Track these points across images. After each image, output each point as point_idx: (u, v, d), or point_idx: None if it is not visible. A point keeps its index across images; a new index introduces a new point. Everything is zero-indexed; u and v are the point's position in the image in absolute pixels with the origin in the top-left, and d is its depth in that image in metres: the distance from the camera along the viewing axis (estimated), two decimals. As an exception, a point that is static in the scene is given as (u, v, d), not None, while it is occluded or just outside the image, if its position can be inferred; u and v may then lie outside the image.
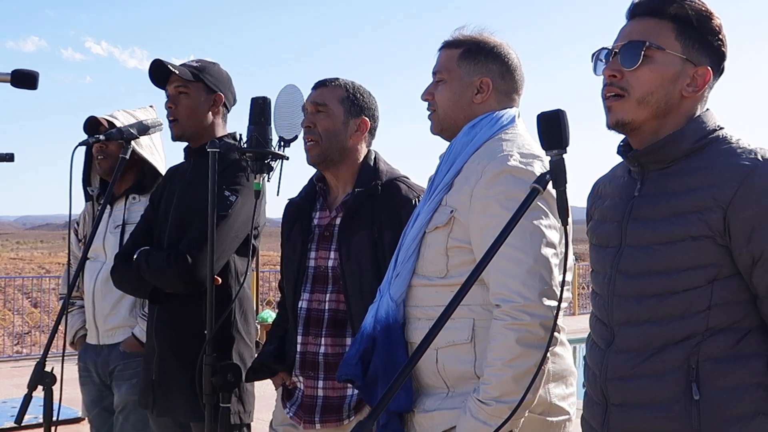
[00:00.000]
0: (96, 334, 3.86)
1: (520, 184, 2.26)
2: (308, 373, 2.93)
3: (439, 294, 2.38)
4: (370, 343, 2.44)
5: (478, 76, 2.52)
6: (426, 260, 2.42)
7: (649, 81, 2.01)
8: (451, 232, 2.37)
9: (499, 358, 2.19)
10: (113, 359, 3.79)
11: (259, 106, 2.51)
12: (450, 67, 2.54)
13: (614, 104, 2.04)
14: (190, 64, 3.41)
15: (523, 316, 2.18)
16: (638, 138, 2.07)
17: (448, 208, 2.38)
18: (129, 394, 3.70)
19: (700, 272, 1.92)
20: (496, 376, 2.19)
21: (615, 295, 2.04)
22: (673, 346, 1.94)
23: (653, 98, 2.01)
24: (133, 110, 3.98)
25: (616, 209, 2.11)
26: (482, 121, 2.48)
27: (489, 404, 2.18)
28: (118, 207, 3.90)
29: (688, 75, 2.02)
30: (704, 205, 1.91)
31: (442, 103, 2.54)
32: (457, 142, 2.48)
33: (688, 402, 1.91)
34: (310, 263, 2.98)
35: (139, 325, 3.68)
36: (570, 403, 2.41)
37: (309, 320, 2.94)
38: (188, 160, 3.46)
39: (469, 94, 2.52)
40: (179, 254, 3.14)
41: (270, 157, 2.50)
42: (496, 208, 2.27)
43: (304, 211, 3.04)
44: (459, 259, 2.36)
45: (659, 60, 2.01)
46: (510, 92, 2.57)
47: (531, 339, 2.18)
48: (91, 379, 3.91)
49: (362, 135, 3.00)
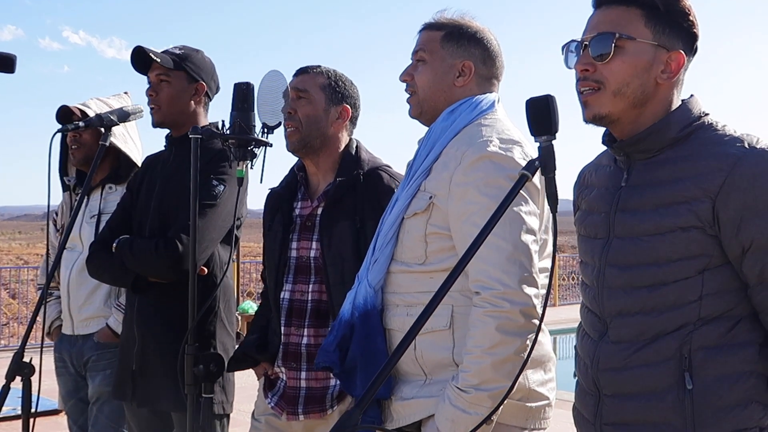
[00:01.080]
0: (71, 325, 3.83)
1: (500, 170, 2.25)
2: (291, 364, 2.90)
3: (417, 280, 2.36)
4: (348, 330, 2.42)
5: (461, 59, 2.49)
6: (404, 246, 2.40)
7: (623, 72, 1.98)
8: (430, 218, 2.35)
9: (478, 346, 2.18)
10: (87, 350, 3.76)
11: (242, 92, 2.47)
12: (432, 48, 2.50)
13: (590, 98, 2.01)
14: (172, 52, 3.37)
15: (503, 303, 2.17)
16: (618, 129, 2.05)
17: (426, 194, 2.36)
18: (103, 386, 3.67)
19: (690, 263, 1.91)
20: (476, 364, 2.17)
21: (605, 287, 2.03)
22: (665, 337, 1.93)
23: (629, 89, 1.98)
24: (106, 98, 3.93)
25: (603, 200, 2.09)
26: (461, 106, 2.45)
27: (468, 392, 2.17)
28: (94, 197, 3.86)
29: (661, 61, 1.99)
30: (692, 195, 1.89)
31: (422, 84, 2.50)
32: (436, 126, 2.46)
33: (681, 391, 1.90)
34: (292, 253, 2.95)
35: (113, 315, 3.65)
36: (549, 389, 2.40)
37: (291, 311, 2.91)
38: (169, 148, 3.42)
39: (451, 77, 2.49)
40: (169, 242, 3.10)
41: (253, 144, 2.46)
42: (475, 195, 2.26)
43: (285, 200, 3.01)
44: (437, 246, 2.34)
45: (631, 50, 1.98)
46: (490, 77, 2.54)
47: (511, 326, 2.16)
48: (67, 370, 3.88)
49: (343, 123, 2.97)
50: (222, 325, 3.27)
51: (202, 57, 3.44)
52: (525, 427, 2.33)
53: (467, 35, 2.51)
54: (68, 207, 4.06)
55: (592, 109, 2.02)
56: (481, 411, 2.14)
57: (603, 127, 2.08)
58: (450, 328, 2.31)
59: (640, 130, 2.00)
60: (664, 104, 2.02)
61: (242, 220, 3.36)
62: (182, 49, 3.40)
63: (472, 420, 2.13)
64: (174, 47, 3.42)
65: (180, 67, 3.33)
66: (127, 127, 3.81)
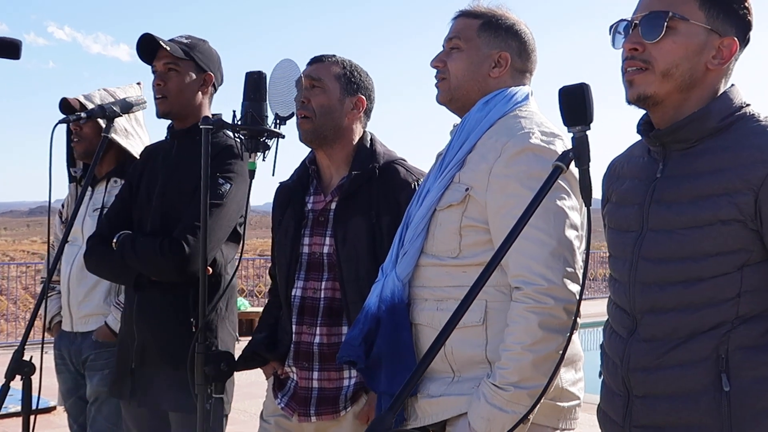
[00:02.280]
0: (70, 321, 3.73)
1: (542, 163, 2.18)
2: (302, 364, 2.81)
3: (449, 274, 2.29)
4: (374, 324, 2.36)
5: (498, 50, 2.44)
6: (436, 239, 2.33)
7: (674, 53, 1.91)
8: (466, 210, 2.28)
9: (519, 342, 2.12)
10: (86, 348, 3.67)
11: (254, 81, 2.38)
12: (469, 36, 2.44)
13: (636, 77, 1.94)
14: (179, 41, 3.28)
15: (547, 299, 2.11)
16: (660, 113, 1.97)
17: (462, 186, 2.30)
18: (101, 386, 3.58)
19: (729, 258, 1.83)
20: (516, 360, 2.11)
21: (637, 282, 1.95)
22: (701, 335, 1.85)
23: (678, 71, 1.91)
24: (113, 89, 3.83)
25: (637, 191, 2.01)
26: (496, 96, 2.40)
27: (506, 389, 2.10)
28: (99, 190, 3.76)
29: (713, 46, 1.92)
30: (733, 187, 1.82)
31: (455, 72, 2.44)
32: (470, 117, 2.39)
33: (717, 393, 1.83)
34: (304, 249, 2.86)
35: (112, 314, 3.55)
36: (579, 388, 2.35)
37: (303, 309, 2.82)
38: (171, 140, 3.31)
39: (486, 67, 2.43)
40: (174, 242, 3.01)
41: (266, 135, 2.37)
42: (516, 187, 2.20)
43: (297, 194, 2.92)
44: (473, 239, 2.28)
45: (683, 31, 1.91)
46: (524, 71, 2.50)
47: (554, 323, 2.11)
48: (66, 367, 3.78)
49: (358, 114, 2.89)
50: (224, 324, 3.18)
51: (209, 47, 3.36)
52: (557, 427, 2.27)
53: (504, 26, 2.46)
54: (74, 199, 3.96)
55: (637, 89, 1.95)
56: (519, 410, 2.08)
57: (644, 110, 2.01)
58: (483, 324, 2.24)
59: (682, 117, 1.93)
60: (710, 91, 1.95)
61: (246, 218, 3.27)
62: (189, 39, 3.31)
63: (510, 419, 2.07)
64: (180, 36, 3.32)
65: (189, 56, 3.23)
66: (132, 119, 3.70)
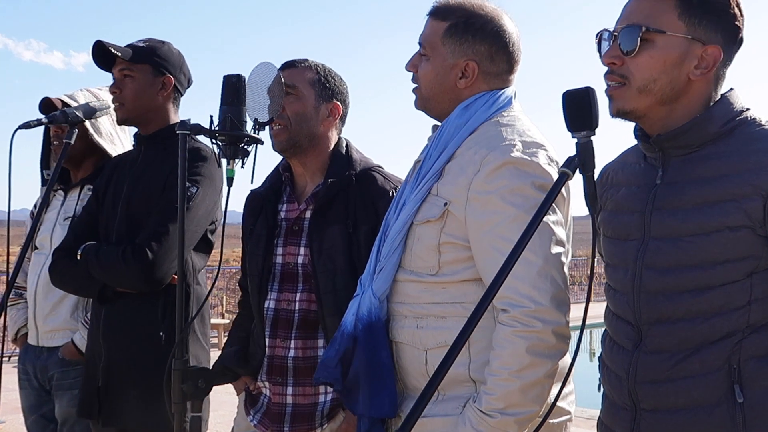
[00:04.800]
0: (35, 334, 3.53)
1: (525, 177, 2.08)
2: (275, 379, 2.70)
3: (428, 291, 2.19)
4: (351, 343, 2.24)
5: (464, 59, 2.26)
6: (414, 255, 2.21)
7: (650, 68, 1.87)
8: (445, 226, 2.16)
9: (505, 367, 2.01)
10: (52, 365, 3.48)
11: (233, 85, 2.26)
12: (434, 44, 2.29)
13: (615, 93, 1.91)
14: (136, 45, 3.19)
15: (535, 322, 2.00)
16: (648, 124, 1.94)
17: (440, 200, 2.17)
18: (71, 406, 3.41)
19: (737, 265, 1.79)
20: (502, 387, 2.01)
21: (642, 292, 1.90)
22: (711, 345, 1.80)
23: (656, 86, 1.87)
24: (97, 89, 3.66)
25: (635, 199, 1.96)
26: (477, 101, 2.25)
27: (493, 416, 2.01)
28: (71, 197, 3.57)
29: (695, 56, 1.87)
30: (742, 192, 1.78)
31: (424, 83, 2.31)
32: (449, 124, 2.25)
33: (731, 405, 1.78)
34: (277, 260, 2.75)
35: (79, 332, 3.39)
36: (569, 402, 2.27)
37: (277, 321, 2.71)
38: (137, 147, 3.22)
39: (452, 78, 2.27)
40: (137, 249, 2.90)
41: (245, 141, 2.26)
42: (498, 204, 2.08)
43: (269, 202, 2.80)
44: (452, 256, 2.16)
45: (660, 44, 1.86)
46: (501, 73, 2.30)
47: (542, 347, 2.01)
48: (30, 383, 3.58)
49: (334, 121, 2.79)
50: (195, 338, 3.06)
51: (169, 48, 3.25)
52: None
53: (473, 29, 2.26)
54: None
55: (616, 104, 1.91)
56: None
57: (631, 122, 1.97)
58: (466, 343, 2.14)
59: (673, 126, 1.89)
60: (699, 100, 1.90)
61: (216, 225, 3.16)
62: (147, 42, 3.22)
63: None
64: (138, 41, 3.25)
65: (143, 60, 3.14)
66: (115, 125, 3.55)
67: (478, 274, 2.13)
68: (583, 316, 1.79)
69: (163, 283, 2.93)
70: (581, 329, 1.81)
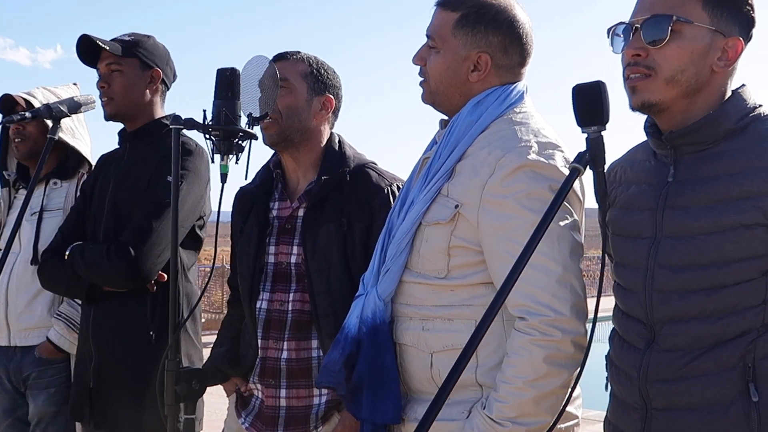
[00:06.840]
0: (7, 334, 3.43)
1: (541, 181, 2.02)
2: (268, 381, 2.63)
3: (436, 293, 2.13)
4: (354, 347, 2.18)
5: (476, 51, 2.19)
6: (422, 257, 2.15)
7: (679, 58, 1.83)
8: (455, 229, 2.10)
9: (520, 376, 1.96)
10: (27, 365, 3.39)
11: (227, 78, 2.19)
12: (444, 36, 2.21)
13: (639, 84, 1.86)
14: (122, 39, 3.13)
15: (554, 331, 1.95)
16: (667, 119, 1.89)
17: (451, 202, 2.10)
18: (47, 406, 3.34)
19: (753, 263, 1.76)
20: (516, 396, 1.96)
21: (655, 291, 1.86)
22: (726, 344, 1.77)
23: (683, 77, 1.84)
24: (54, 88, 3.60)
25: (646, 196, 1.92)
26: (488, 96, 2.18)
27: (503, 425, 1.96)
28: (37, 193, 3.50)
29: (718, 48, 1.85)
30: (758, 189, 1.75)
31: (433, 76, 2.23)
32: (460, 121, 2.18)
33: (746, 404, 1.75)
34: (269, 259, 2.67)
35: (54, 327, 3.31)
36: (577, 406, 2.22)
37: (270, 322, 2.63)
38: (123, 144, 3.15)
39: (464, 71, 2.20)
40: (120, 247, 2.85)
41: (240, 136, 2.19)
42: (515, 208, 2.02)
43: (260, 200, 2.73)
44: (462, 260, 2.10)
45: (687, 34, 1.83)
46: (513, 67, 2.23)
47: (560, 357, 1.96)
48: (3, 386, 3.49)
49: (326, 115, 2.71)
50: (188, 336, 3.01)
51: (155, 42, 3.21)
52: None
53: (485, 19, 2.18)
54: (6, 204, 3.68)
55: (641, 96, 1.86)
56: None
57: (648, 116, 1.93)
58: None
59: (690, 121, 1.86)
60: (717, 94, 1.88)
61: (205, 220, 3.11)
62: (132, 36, 3.16)
63: None
64: (122, 35, 3.19)
65: (131, 53, 3.08)
66: (74, 119, 3.47)
67: (488, 278, 2.08)
68: (594, 313, 1.77)
69: (149, 279, 2.88)
70: (592, 328, 1.77)
